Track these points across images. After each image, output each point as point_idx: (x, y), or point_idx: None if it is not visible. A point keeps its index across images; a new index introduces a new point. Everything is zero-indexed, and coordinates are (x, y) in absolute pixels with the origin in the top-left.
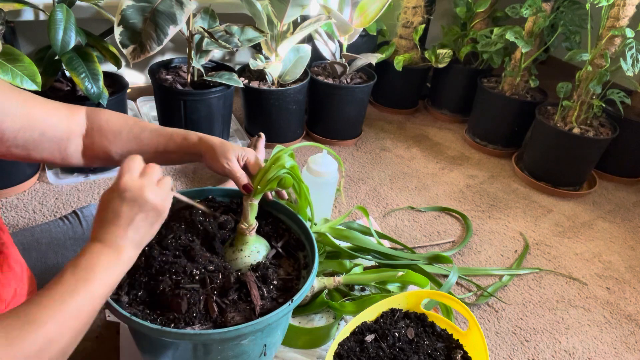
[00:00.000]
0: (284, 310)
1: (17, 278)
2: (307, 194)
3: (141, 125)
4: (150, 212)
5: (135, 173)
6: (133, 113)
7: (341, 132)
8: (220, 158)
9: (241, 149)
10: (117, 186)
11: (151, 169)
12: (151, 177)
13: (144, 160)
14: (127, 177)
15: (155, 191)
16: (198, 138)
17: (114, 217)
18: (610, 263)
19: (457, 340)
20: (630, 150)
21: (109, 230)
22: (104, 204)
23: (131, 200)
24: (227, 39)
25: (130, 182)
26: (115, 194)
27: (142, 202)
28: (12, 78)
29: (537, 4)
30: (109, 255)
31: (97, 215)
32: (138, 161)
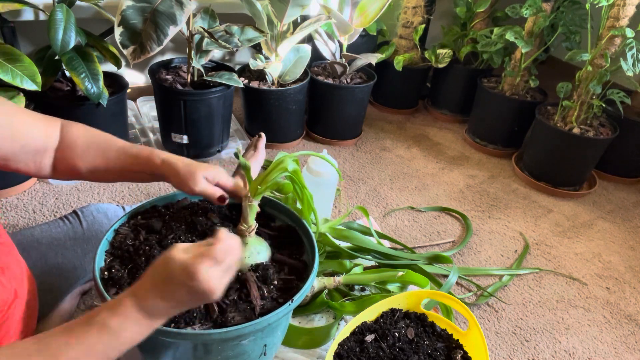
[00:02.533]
0: (284, 310)
1: (17, 279)
2: (311, 201)
3: (110, 143)
4: (204, 301)
5: (218, 262)
6: (133, 113)
7: (341, 132)
8: (186, 182)
9: (211, 170)
10: (191, 271)
11: (230, 258)
12: (228, 267)
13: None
14: (205, 269)
15: (221, 289)
16: (161, 160)
17: (169, 294)
18: (610, 263)
19: (457, 340)
20: (630, 150)
21: (155, 303)
22: (168, 276)
23: (195, 292)
24: (227, 39)
25: (206, 276)
26: (183, 276)
27: (204, 297)
28: (12, 78)
29: (537, 4)
30: (142, 324)
31: (155, 279)
32: (225, 248)
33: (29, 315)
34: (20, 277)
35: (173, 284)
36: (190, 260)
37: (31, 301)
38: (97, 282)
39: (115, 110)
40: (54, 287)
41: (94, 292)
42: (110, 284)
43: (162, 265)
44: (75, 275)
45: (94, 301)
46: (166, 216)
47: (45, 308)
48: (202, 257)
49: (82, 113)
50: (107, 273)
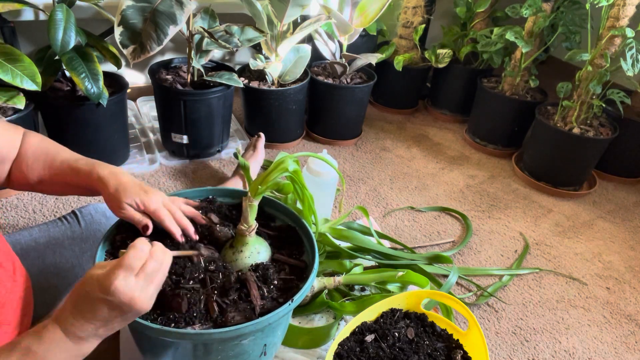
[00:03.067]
0: (284, 310)
1: (6, 273)
2: (311, 201)
3: (56, 155)
4: (132, 314)
5: (133, 272)
6: (133, 113)
7: (341, 132)
8: (112, 206)
9: (141, 197)
10: (106, 284)
11: (151, 262)
12: (148, 275)
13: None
14: (121, 279)
15: (145, 296)
16: (97, 177)
17: (90, 314)
18: (610, 263)
19: (457, 340)
20: (630, 150)
21: (78, 325)
22: (84, 295)
23: (117, 306)
24: (227, 39)
25: (123, 288)
26: (99, 291)
27: (128, 309)
28: (12, 78)
29: (537, 4)
30: (68, 349)
31: (73, 299)
32: (140, 254)
33: (23, 312)
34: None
35: (92, 302)
36: (104, 274)
37: (25, 298)
38: None
39: (115, 110)
40: (52, 286)
41: None
42: None
43: (80, 285)
44: (74, 274)
45: None
46: None
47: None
48: (115, 268)
49: (82, 113)
50: None
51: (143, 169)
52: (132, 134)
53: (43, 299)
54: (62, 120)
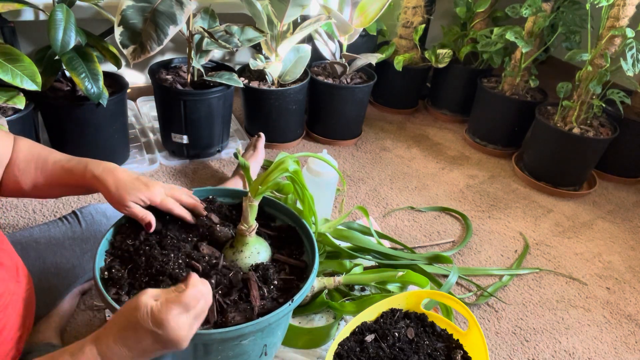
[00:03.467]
0: (284, 310)
1: (9, 274)
2: (312, 202)
3: (48, 157)
4: (169, 350)
5: (187, 312)
6: (133, 113)
7: (341, 132)
8: (116, 205)
9: (144, 192)
10: (159, 319)
11: (202, 303)
12: (198, 317)
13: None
14: (175, 315)
15: (190, 334)
16: (93, 176)
17: (133, 342)
18: (610, 263)
19: (457, 340)
20: (630, 150)
21: (117, 351)
22: (135, 323)
23: (163, 341)
24: (227, 39)
25: (175, 324)
26: (151, 323)
27: (171, 346)
28: (12, 78)
29: (537, 4)
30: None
31: (120, 324)
32: (196, 294)
33: (25, 313)
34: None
35: (139, 332)
36: (158, 307)
37: (28, 299)
38: (97, 282)
39: (115, 110)
40: (52, 287)
41: (93, 291)
42: (110, 284)
43: (129, 310)
44: (74, 274)
45: (94, 301)
46: (166, 216)
47: (44, 307)
48: (172, 303)
49: (82, 113)
50: (107, 273)
51: (143, 169)
52: (132, 134)
53: (44, 299)
54: (62, 120)
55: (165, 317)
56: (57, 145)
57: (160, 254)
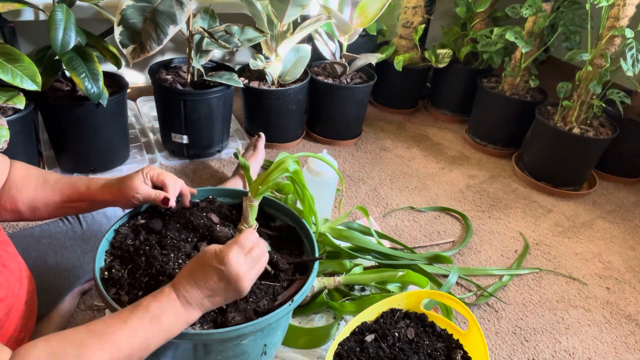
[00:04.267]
0: (284, 310)
1: (14, 277)
2: (312, 202)
3: (47, 176)
4: (233, 292)
5: (244, 251)
6: (133, 113)
7: (341, 132)
8: (129, 197)
9: (142, 171)
10: (222, 255)
11: (258, 249)
12: (254, 259)
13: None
14: (235, 253)
15: (249, 276)
16: (100, 187)
17: (202, 281)
18: (610, 263)
19: (457, 340)
20: (630, 150)
21: (191, 290)
22: (201, 263)
23: (225, 276)
24: (227, 39)
25: (235, 260)
26: (215, 261)
27: (233, 283)
28: (12, 78)
29: (537, 4)
30: (178, 312)
31: (190, 267)
32: (251, 238)
33: (27, 315)
34: (18, 276)
35: (206, 270)
36: (221, 247)
37: (30, 300)
38: (97, 282)
39: (115, 110)
40: (53, 287)
41: (94, 291)
42: (110, 284)
43: (198, 256)
44: (75, 275)
45: (94, 301)
46: (166, 216)
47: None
48: (232, 244)
49: (82, 113)
50: (107, 273)
51: None
52: (132, 134)
53: (45, 300)
54: (62, 120)
55: (225, 253)
56: (57, 145)
57: (160, 254)
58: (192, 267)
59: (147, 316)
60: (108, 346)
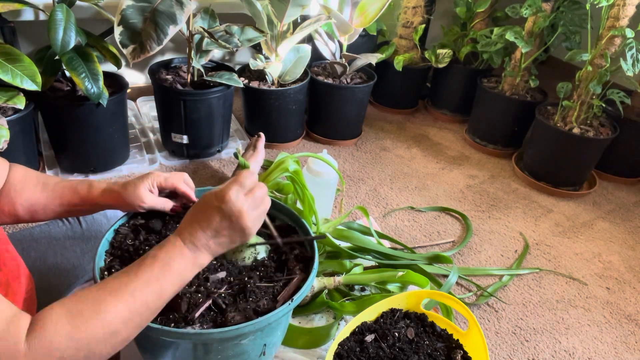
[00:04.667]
0: (283, 310)
1: (12, 276)
2: (312, 202)
3: (46, 179)
4: (238, 231)
5: (244, 190)
6: (133, 113)
7: (341, 132)
8: (133, 204)
9: (148, 179)
10: (221, 194)
11: (259, 190)
12: (255, 199)
13: (50, 214)
14: (234, 190)
15: (251, 215)
16: (101, 191)
17: (205, 222)
18: (610, 263)
19: (457, 340)
20: (630, 150)
21: (195, 233)
22: (202, 205)
23: (227, 214)
24: (227, 39)
25: (234, 197)
26: (215, 200)
27: (235, 221)
28: (12, 78)
29: (537, 4)
30: (186, 256)
31: (192, 211)
32: (251, 179)
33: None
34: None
35: (207, 211)
36: (220, 187)
37: (29, 299)
38: (97, 282)
39: (115, 110)
40: (52, 287)
41: None
42: None
43: (198, 201)
44: (74, 275)
45: None
46: (166, 216)
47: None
48: (230, 182)
49: (82, 113)
50: (107, 273)
51: (143, 169)
52: (132, 134)
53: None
54: (62, 120)
55: (224, 192)
56: (57, 145)
57: None
58: (194, 212)
59: (155, 264)
60: (123, 298)
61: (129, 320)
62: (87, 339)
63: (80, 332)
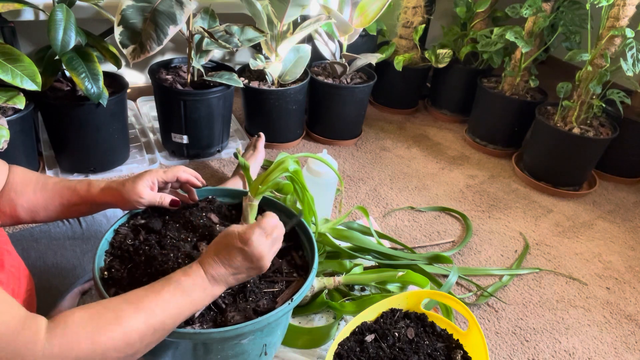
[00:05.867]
0: (283, 309)
1: (13, 277)
2: (312, 202)
3: (45, 180)
4: (256, 269)
5: (266, 233)
6: (133, 113)
7: (341, 132)
8: (132, 201)
9: (147, 175)
10: (245, 238)
11: (277, 232)
12: (274, 241)
13: (51, 215)
14: (257, 235)
15: (270, 258)
16: (100, 189)
17: (227, 261)
18: (610, 263)
19: (457, 340)
20: (630, 150)
21: (217, 269)
22: (226, 243)
23: (248, 256)
24: (227, 39)
25: (257, 242)
26: (239, 242)
27: (256, 263)
28: (12, 78)
29: (537, 4)
30: (206, 289)
31: (217, 245)
32: (272, 222)
33: None
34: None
35: (231, 251)
36: (245, 229)
37: (28, 299)
38: (96, 282)
39: (115, 110)
40: (52, 287)
41: (93, 291)
42: (110, 283)
43: (222, 237)
44: (74, 275)
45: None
46: (166, 216)
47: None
48: (254, 227)
49: (82, 113)
50: (106, 273)
51: (143, 169)
52: (132, 134)
53: (44, 299)
54: (62, 120)
55: (249, 236)
56: (57, 145)
57: (160, 253)
58: (217, 248)
59: (178, 289)
60: (143, 313)
61: (145, 335)
62: (106, 344)
63: (100, 336)
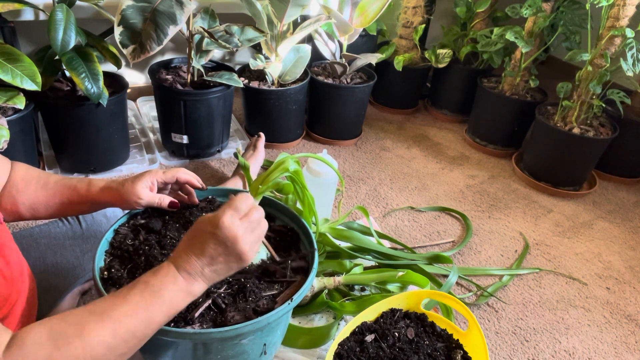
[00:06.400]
0: (283, 309)
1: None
2: (312, 202)
3: (47, 177)
4: (234, 257)
5: (239, 214)
6: (133, 113)
7: (341, 132)
8: (130, 201)
9: (147, 176)
10: (215, 220)
11: (255, 213)
12: (251, 223)
13: (52, 213)
14: (228, 215)
15: (247, 239)
16: (100, 189)
17: (199, 249)
18: (610, 263)
19: (457, 340)
20: (630, 150)
21: (189, 260)
22: (196, 231)
23: (222, 240)
24: (227, 39)
25: (229, 222)
26: (209, 226)
27: (231, 246)
28: (12, 78)
29: (537, 4)
30: (179, 285)
31: (187, 238)
32: (247, 202)
33: (28, 313)
34: (21, 272)
35: (201, 237)
36: (214, 213)
37: (30, 298)
38: (96, 282)
39: (115, 110)
40: (52, 287)
41: (93, 291)
42: (110, 283)
43: (192, 227)
44: (74, 274)
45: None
46: (166, 216)
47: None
48: (224, 207)
49: (82, 113)
50: (106, 273)
51: (143, 169)
52: (132, 134)
53: (44, 299)
54: (62, 120)
55: (218, 217)
56: (57, 145)
57: (160, 253)
58: (188, 238)
59: (147, 290)
60: (109, 323)
61: (114, 347)
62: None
63: (60, 353)
